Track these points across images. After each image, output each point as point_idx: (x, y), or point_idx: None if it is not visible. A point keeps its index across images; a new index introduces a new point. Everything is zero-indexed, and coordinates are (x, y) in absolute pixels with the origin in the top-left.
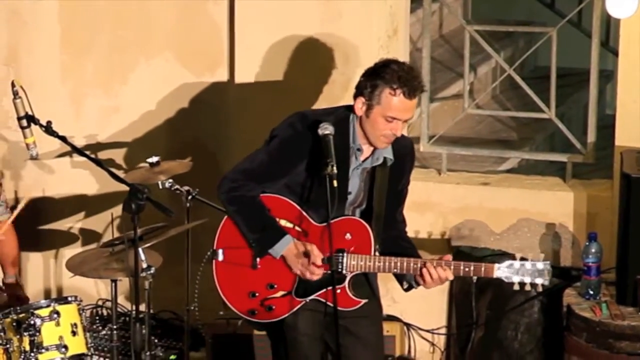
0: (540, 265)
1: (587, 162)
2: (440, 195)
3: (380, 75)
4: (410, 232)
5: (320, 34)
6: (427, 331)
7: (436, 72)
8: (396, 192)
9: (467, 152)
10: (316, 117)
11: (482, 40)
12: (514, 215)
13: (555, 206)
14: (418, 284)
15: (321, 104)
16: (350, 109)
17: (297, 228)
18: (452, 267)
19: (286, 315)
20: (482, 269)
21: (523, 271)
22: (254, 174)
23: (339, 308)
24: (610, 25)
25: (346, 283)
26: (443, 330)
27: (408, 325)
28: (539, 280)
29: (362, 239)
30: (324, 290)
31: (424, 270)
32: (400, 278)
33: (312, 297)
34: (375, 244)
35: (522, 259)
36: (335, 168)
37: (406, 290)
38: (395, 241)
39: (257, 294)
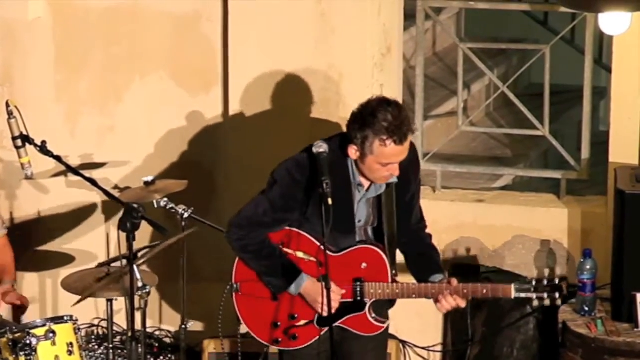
0: (556, 281)
1: (581, 178)
2: (434, 212)
3: (369, 126)
4: None
5: (314, 52)
6: (423, 348)
7: (430, 89)
8: (405, 202)
9: (462, 170)
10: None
11: (476, 57)
12: (509, 232)
13: (549, 223)
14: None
15: (316, 122)
16: (342, 137)
17: (313, 259)
18: (469, 292)
19: (309, 343)
20: (500, 290)
21: (540, 288)
22: (258, 222)
23: (362, 334)
24: (603, 43)
25: (367, 309)
26: (439, 348)
27: (404, 343)
28: (557, 294)
29: (378, 267)
30: (346, 318)
31: (440, 297)
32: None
33: (335, 325)
34: (392, 269)
35: (538, 280)
36: (329, 186)
37: None
38: (416, 246)
39: (279, 324)
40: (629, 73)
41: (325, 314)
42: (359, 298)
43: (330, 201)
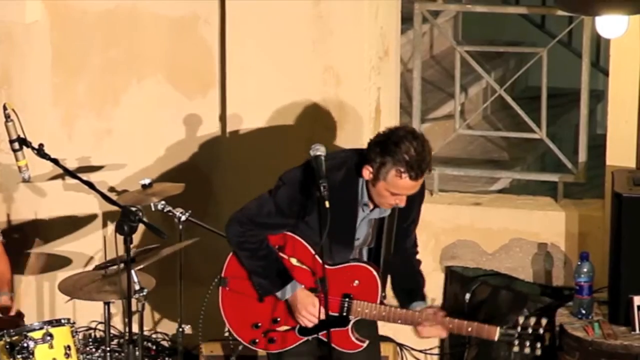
0: (541, 330)
1: (579, 181)
2: (432, 215)
3: (390, 154)
4: None
5: (312, 54)
6: (420, 351)
7: (427, 92)
8: (404, 227)
9: (459, 173)
10: (323, 170)
11: (473, 60)
12: (506, 235)
13: (547, 226)
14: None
15: (313, 125)
16: (360, 154)
17: (306, 267)
18: (454, 328)
19: (285, 349)
20: (485, 331)
21: (523, 335)
22: (260, 223)
23: (340, 349)
24: (600, 46)
25: (349, 326)
26: (436, 351)
27: (401, 346)
28: (538, 344)
29: (369, 287)
30: (326, 331)
31: (420, 328)
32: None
33: (314, 336)
34: (382, 291)
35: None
36: (326, 189)
37: None
38: (404, 270)
39: (260, 325)
40: (626, 76)
41: (308, 324)
42: (344, 314)
43: (327, 204)
